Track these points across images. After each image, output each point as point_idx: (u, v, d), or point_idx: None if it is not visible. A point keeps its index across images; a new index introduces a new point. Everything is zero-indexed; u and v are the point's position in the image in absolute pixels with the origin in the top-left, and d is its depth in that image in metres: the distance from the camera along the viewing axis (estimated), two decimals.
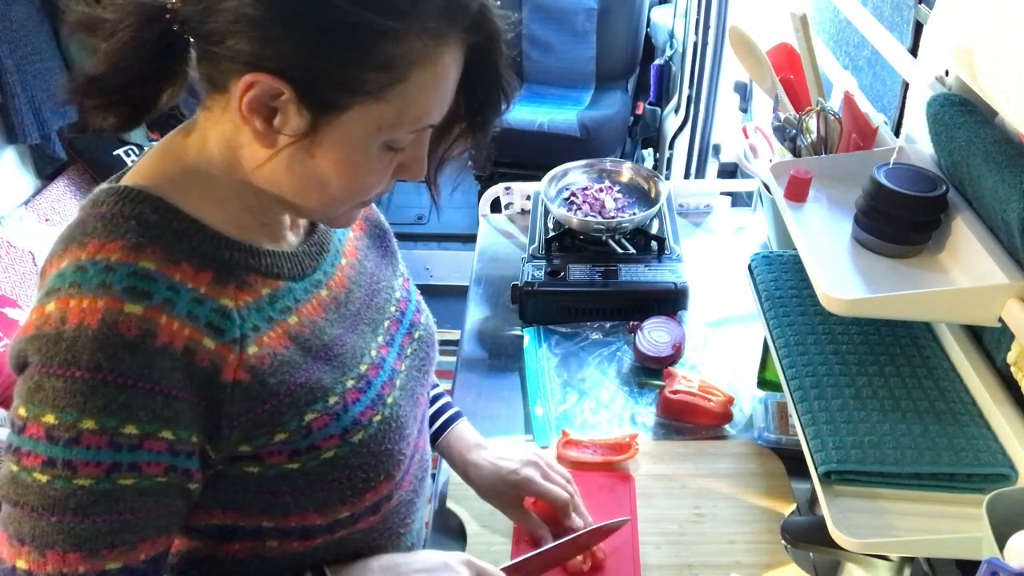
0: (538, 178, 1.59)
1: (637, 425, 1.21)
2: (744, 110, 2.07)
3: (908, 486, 0.78)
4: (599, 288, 1.39)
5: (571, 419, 1.22)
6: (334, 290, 0.76)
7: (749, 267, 1.12)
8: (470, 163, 0.78)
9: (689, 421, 1.19)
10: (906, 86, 1.10)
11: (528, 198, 1.74)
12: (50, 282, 0.61)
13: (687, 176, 2.36)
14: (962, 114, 0.82)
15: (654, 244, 1.48)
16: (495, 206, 1.76)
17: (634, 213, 1.51)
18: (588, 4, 2.98)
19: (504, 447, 1.03)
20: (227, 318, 0.64)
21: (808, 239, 0.87)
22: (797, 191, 0.93)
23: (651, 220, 1.53)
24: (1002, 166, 0.73)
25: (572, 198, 1.56)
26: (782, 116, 1.11)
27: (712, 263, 1.56)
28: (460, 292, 1.61)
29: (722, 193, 1.75)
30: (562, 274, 1.41)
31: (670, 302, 1.38)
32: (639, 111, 3.08)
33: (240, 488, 0.70)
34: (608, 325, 1.39)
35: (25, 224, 2.24)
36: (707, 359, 1.32)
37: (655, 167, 2.96)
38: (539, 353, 1.34)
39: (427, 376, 0.88)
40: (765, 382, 1.19)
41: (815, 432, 0.83)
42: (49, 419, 0.58)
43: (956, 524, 0.75)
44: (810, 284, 0.91)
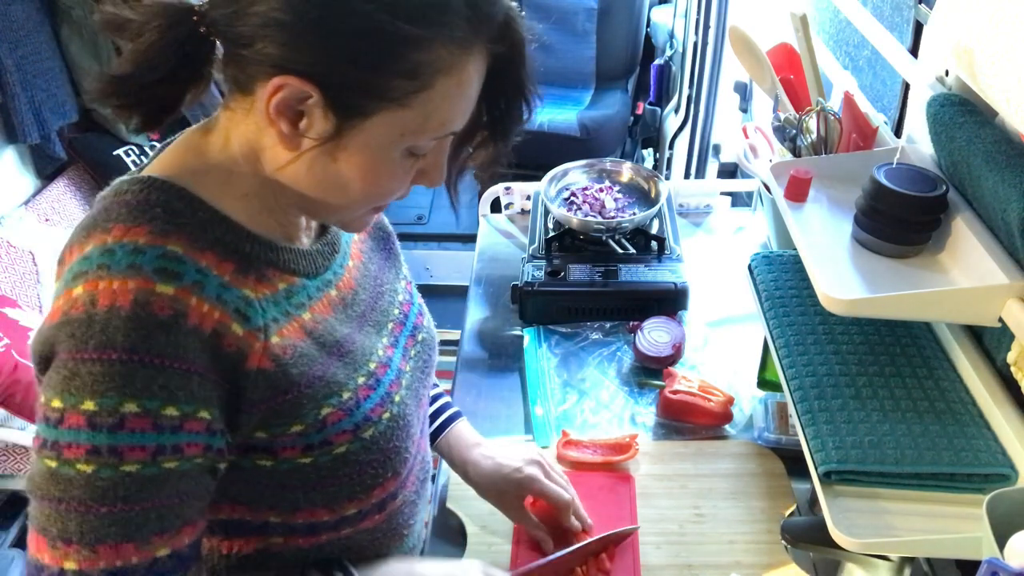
0: (538, 178, 1.59)
1: (637, 425, 1.21)
2: (744, 110, 2.07)
3: (908, 486, 0.78)
4: (599, 288, 1.39)
5: (571, 419, 1.22)
6: (343, 291, 0.77)
7: (749, 267, 1.12)
8: (476, 168, 0.78)
9: (689, 421, 1.20)
10: (906, 86, 1.10)
11: (528, 198, 1.74)
12: (74, 266, 0.60)
13: (687, 176, 2.36)
14: (962, 114, 0.82)
15: (654, 244, 1.48)
16: (495, 206, 1.76)
17: (634, 213, 1.51)
18: (588, 4, 2.98)
19: (505, 446, 1.03)
20: (251, 307, 0.64)
21: (808, 239, 0.87)
22: (797, 191, 0.93)
23: (651, 220, 1.53)
24: (1002, 166, 0.73)
25: (572, 198, 1.56)
26: (782, 116, 1.11)
27: (712, 263, 1.56)
28: (460, 292, 1.61)
29: (722, 193, 1.75)
30: (562, 274, 1.41)
31: (670, 302, 1.38)
32: (639, 111, 3.08)
33: (252, 482, 0.70)
34: (608, 325, 1.39)
35: (25, 224, 2.23)
36: (707, 359, 1.32)
37: (655, 167, 2.97)
38: (539, 353, 1.34)
39: (429, 378, 0.89)
40: (765, 382, 1.19)
41: (815, 432, 0.83)
42: (89, 406, 0.57)
43: (956, 524, 0.75)
44: (810, 284, 0.91)
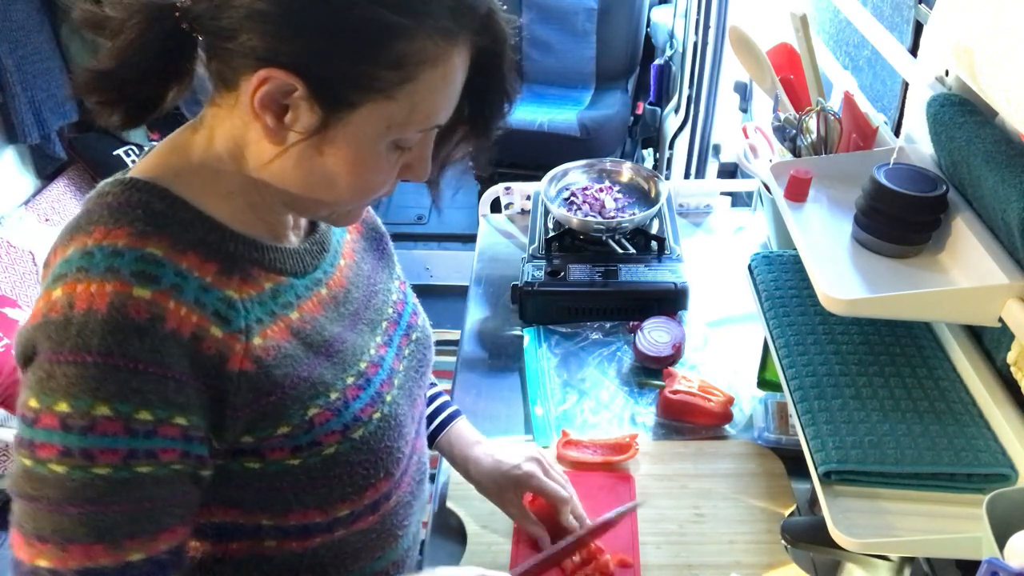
0: (538, 178, 1.59)
1: (637, 425, 1.21)
2: (744, 110, 2.07)
3: (908, 486, 0.78)
4: (599, 288, 1.39)
5: (571, 419, 1.22)
6: (333, 289, 0.76)
7: (749, 267, 1.12)
8: (471, 164, 0.78)
9: (689, 421, 1.19)
10: (906, 86, 1.10)
11: (528, 198, 1.74)
12: (55, 269, 0.61)
13: (687, 176, 2.36)
14: (962, 114, 0.82)
15: (654, 244, 1.48)
16: (495, 206, 1.76)
17: (634, 213, 1.51)
18: (588, 4, 2.98)
19: (505, 445, 1.03)
20: (233, 308, 0.64)
21: (808, 239, 0.87)
22: (797, 191, 0.93)
23: (651, 220, 1.53)
24: (1002, 166, 0.73)
25: (572, 198, 1.56)
26: (782, 116, 1.11)
27: (712, 263, 1.56)
28: (460, 292, 1.61)
29: (722, 193, 1.75)
30: (562, 274, 1.41)
31: (670, 302, 1.38)
32: (639, 111, 3.08)
33: (242, 485, 0.70)
34: (608, 325, 1.39)
35: (25, 224, 2.24)
36: (707, 359, 1.32)
37: (655, 167, 2.96)
38: (539, 353, 1.34)
39: (424, 378, 0.89)
40: (765, 382, 1.19)
41: (815, 432, 0.83)
42: (63, 407, 0.58)
43: (956, 524, 0.75)
44: (810, 284, 0.91)
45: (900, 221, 0.83)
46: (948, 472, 0.77)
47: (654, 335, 1.30)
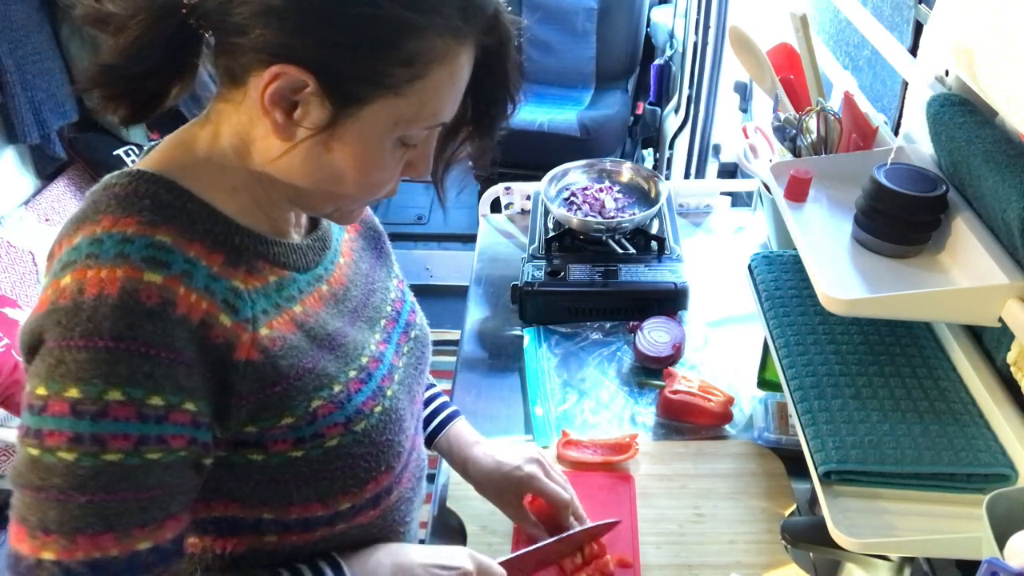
0: (538, 178, 1.59)
1: (637, 425, 1.21)
2: (744, 110, 2.07)
3: (908, 486, 0.78)
4: (599, 288, 1.39)
5: (571, 419, 1.22)
6: (334, 286, 0.77)
7: (749, 267, 1.12)
8: (470, 164, 0.78)
9: (689, 421, 1.20)
10: (906, 86, 1.10)
11: (528, 198, 1.74)
12: (63, 257, 0.60)
13: (687, 176, 2.36)
14: (962, 114, 0.82)
15: (654, 244, 1.48)
16: (495, 206, 1.76)
17: (634, 213, 1.51)
18: (588, 4, 2.98)
19: (505, 445, 1.03)
20: (240, 298, 0.64)
21: (808, 239, 0.87)
22: (797, 191, 0.93)
23: (651, 220, 1.53)
24: (1002, 166, 0.73)
25: (572, 198, 1.56)
26: (782, 116, 1.11)
27: (712, 263, 1.56)
28: (460, 292, 1.61)
29: (722, 193, 1.75)
30: (562, 274, 1.41)
31: (670, 302, 1.38)
32: (639, 111, 3.08)
33: (244, 478, 0.70)
34: (608, 325, 1.39)
35: (25, 224, 2.24)
36: (707, 359, 1.32)
37: (655, 167, 2.96)
38: (539, 353, 1.34)
39: (422, 375, 0.89)
40: (765, 382, 1.19)
41: (815, 432, 0.83)
42: (73, 393, 0.57)
43: (956, 524, 0.75)
44: (810, 284, 0.91)
45: (900, 221, 0.83)
46: (948, 472, 0.77)
47: (654, 335, 1.30)
